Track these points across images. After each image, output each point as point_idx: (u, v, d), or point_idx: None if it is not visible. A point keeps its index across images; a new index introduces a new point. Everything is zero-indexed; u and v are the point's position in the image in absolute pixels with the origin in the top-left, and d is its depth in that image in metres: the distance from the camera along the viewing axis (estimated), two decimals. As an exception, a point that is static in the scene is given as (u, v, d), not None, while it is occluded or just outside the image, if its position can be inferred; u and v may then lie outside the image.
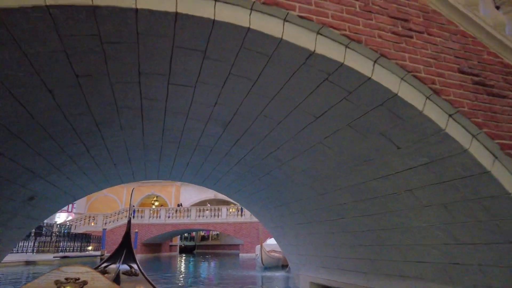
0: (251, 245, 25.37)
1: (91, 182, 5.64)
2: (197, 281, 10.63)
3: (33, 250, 17.57)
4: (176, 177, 6.78)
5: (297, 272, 6.95)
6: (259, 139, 3.84)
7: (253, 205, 6.77)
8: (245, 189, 6.13)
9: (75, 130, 3.39)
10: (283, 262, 13.78)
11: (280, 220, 6.22)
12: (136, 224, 25.96)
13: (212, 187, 7.03)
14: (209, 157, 4.94)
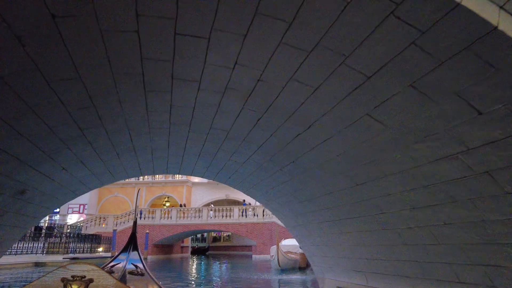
0: (264, 246, 24.67)
1: (92, 175, 5.04)
2: (209, 284, 9.99)
3: (43, 251, 17.21)
4: (186, 171, 6.16)
5: (322, 276, 6.24)
6: (286, 115, 3.15)
7: (272, 202, 6.09)
8: (264, 183, 5.46)
9: (63, 103, 2.77)
10: (300, 264, 13.06)
11: (303, 217, 5.52)
12: (147, 225, 25.55)
13: (226, 181, 6.37)
14: (224, 144, 4.28)
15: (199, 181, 35.61)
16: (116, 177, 5.76)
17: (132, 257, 4.99)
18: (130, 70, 2.56)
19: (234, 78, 2.70)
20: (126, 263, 4.61)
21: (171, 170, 6.05)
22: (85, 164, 4.40)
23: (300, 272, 12.03)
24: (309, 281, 9.93)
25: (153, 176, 34.74)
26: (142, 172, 5.89)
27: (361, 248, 4.50)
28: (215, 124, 3.67)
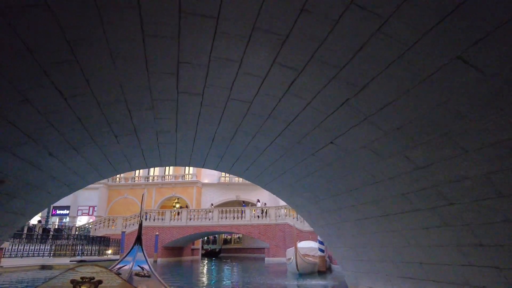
0: (277, 248, 23.77)
1: (88, 165, 4.30)
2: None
3: (50, 253, 16.65)
4: (197, 162, 5.39)
5: (355, 283, 5.39)
6: (334, 69, 2.34)
7: (297, 197, 5.27)
8: (288, 174, 4.65)
9: (33, 55, 2.01)
10: (319, 268, 12.17)
11: (335, 215, 4.69)
12: (157, 227, 24.91)
13: (243, 174, 5.58)
14: (244, 123, 3.50)
15: (209, 182, 34.93)
16: (117, 169, 5.02)
17: (138, 259, 4.95)
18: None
19: (263, 16, 1.90)
20: (133, 265, 4.59)
21: (181, 161, 5.28)
22: (77, 149, 3.65)
23: (320, 276, 11.15)
24: (329, 287, 9.06)
25: (162, 177, 34.21)
26: (148, 163, 5.14)
27: (413, 249, 3.66)
28: (235, 93, 2.88)
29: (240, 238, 44.76)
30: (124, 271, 4.25)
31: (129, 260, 4.93)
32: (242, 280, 11.51)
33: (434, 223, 3.19)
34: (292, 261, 11.04)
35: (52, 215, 34.13)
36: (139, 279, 4.10)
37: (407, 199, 3.27)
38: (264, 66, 2.44)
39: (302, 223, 23.62)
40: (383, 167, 3.15)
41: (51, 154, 3.46)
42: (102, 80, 2.52)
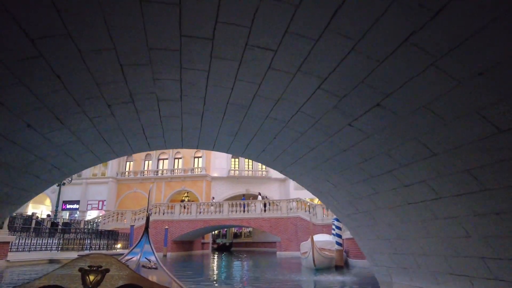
0: (289, 242, 23.16)
1: (80, 143, 3.67)
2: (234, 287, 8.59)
3: (58, 247, 16.31)
4: (207, 142, 4.72)
5: (388, 280, 4.70)
6: (376, 14, 1.64)
7: (322, 182, 4.58)
8: (313, 154, 3.96)
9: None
10: (336, 262, 11.48)
11: (370, 201, 3.99)
12: (166, 221, 24.50)
13: (258, 157, 4.90)
14: (264, 86, 2.82)
15: (218, 176, 34.44)
16: (116, 151, 4.39)
17: (145, 251, 4.99)
18: None
19: None
20: (140, 257, 4.64)
21: (188, 142, 4.63)
22: (62, 121, 3.02)
23: (337, 272, 10.47)
24: (352, 283, 8.38)
25: (172, 171, 33.83)
26: (150, 144, 4.50)
27: (474, 241, 2.95)
28: (255, 34, 2.19)
29: (250, 232, 44.31)
30: (131, 263, 4.30)
31: (136, 251, 4.97)
32: (254, 276, 10.90)
33: (509, 207, 2.49)
34: (309, 256, 10.37)
35: (62, 210, 34.12)
36: (146, 270, 4.14)
37: (472, 176, 2.56)
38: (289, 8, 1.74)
39: (314, 216, 22.93)
40: (446, 135, 2.44)
41: (30, 126, 2.83)
42: (80, 16, 1.85)
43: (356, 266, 11.31)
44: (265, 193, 33.83)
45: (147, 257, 4.72)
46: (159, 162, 35.06)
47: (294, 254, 22.31)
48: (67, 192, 34.70)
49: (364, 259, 11.23)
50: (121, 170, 35.10)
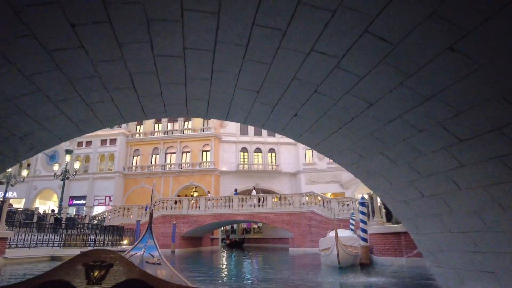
0: (302, 238, 22.08)
1: (47, 102, 2.61)
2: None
3: (60, 244, 15.48)
4: (218, 109, 3.63)
5: (458, 285, 3.58)
6: None
7: (372, 156, 3.43)
8: (363, 119, 2.85)
9: None
10: (361, 260, 10.36)
11: (443, 180, 2.87)
12: (174, 216, 23.62)
13: (284, 128, 3.77)
14: (294, 27, 1.74)
15: (227, 170, 33.46)
16: (100, 116, 3.32)
17: (149, 246, 4.93)
18: None
19: None
20: (144, 252, 4.61)
21: (194, 107, 3.53)
22: (14, 63, 1.95)
23: (364, 271, 9.36)
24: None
25: (179, 165, 32.94)
26: (145, 107, 3.41)
27: None
28: None
29: (260, 228, 43.33)
30: (135, 258, 4.28)
31: (140, 247, 4.91)
32: (267, 276, 9.83)
33: None
34: (332, 253, 9.26)
35: (69, 205, 33.53)
36: (149, 265, 4.13)
37: None
38: None
39: (329, 211, 21.80)
40: None
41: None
42: None
43: (383, 264, 10.17)
44: (276, 188, 32.76)
45: (151, 253, 4.71)
46: (166, 156, 34.20)
47: (308, 250, 21.22)
48: (74, 188, 34.11)
49: (391, 256, 10.10)
50: (128, 165, 34.35)
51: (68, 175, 22.16)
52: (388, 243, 10.31)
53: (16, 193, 35.71)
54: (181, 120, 35.09)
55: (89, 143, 35.36)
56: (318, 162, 33.70)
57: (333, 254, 9.10)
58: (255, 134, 35.01)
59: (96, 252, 1.73)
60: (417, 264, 9.31)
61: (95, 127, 3.62)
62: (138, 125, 36.13)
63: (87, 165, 34.88)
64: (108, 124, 3.71)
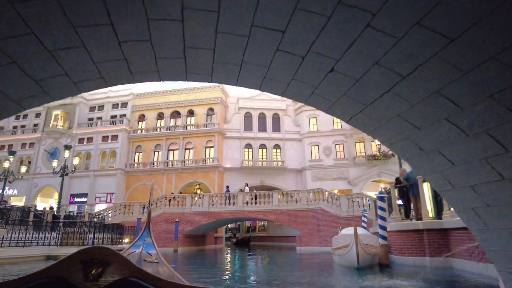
0: (310, 236, 21.21)
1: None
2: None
3: (56, 242, 14.73)
4: (226, 71, 2.76)
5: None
6: None
7: (436, 125, 2.57)
8: (446, 57, 1.98)
9: None
10: (381, 260, 9.48)
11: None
12: (177, 213, 22.83)
13: (312, 94, 2.92)
14: None
15: (231, 166, 32.65)
16: (71, 72, 2.48)
17: (147, 245, 4.82)
18: None
19: None
20: (142, 250, 4.51)
21: (194, 60, 2.68)
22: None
23: (385, 272, 8.48)
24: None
25: (182, 161, 32.16)
26: (134, 73, 2.56)
27: None
28: None
29: (264, 226, 42.52)
30: (133, 256, 4.23)
31: (138, 245, 4.85)
32: (276, 278, 8.99)
33: None
34: (350, 252, 8.39)
35: (70, 203, 32.90)
36: (147, 264, 4.10)
37: None
38: None
39: (338, 208, 20.91)
40: None
41: None
42: None
43: (403, 264, 9.30)
44: (281, 185, 31.91)
45: (149, 251, 4.65)
46: (169, 152, 33.44)
47: (316, 249, 20.37)
48: (75, 185, 33.47)
49: (412, 256, 9.22)
50: (129, 162, 33.64)
51: (67, 171, 21.45)
52: (408, 241, 9.44)
53: (17, 191, 35.18)
54: (183, 115, 34.31)
55: (90, 139, 34.69)
56: (324, 159, 32.81)
57: (352, 253, 8.24)
58: (260, 130, 34.17)
59: (93, 249, 1.73)
60: (443, 265, 8.44)
61: (68, 91, 2.77)
62: (140, 121, 35.40)
63: (88, 162, 34.22)
64: (84, 90, 2.86)
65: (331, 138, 33.19)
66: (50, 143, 35.63)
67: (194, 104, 34.31)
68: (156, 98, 35.51)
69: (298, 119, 35.13)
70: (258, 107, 34.83)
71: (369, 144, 32.44)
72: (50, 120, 36.28)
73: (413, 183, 10.30)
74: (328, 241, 20.46)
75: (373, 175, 31.53)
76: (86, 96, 37.73)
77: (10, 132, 37.92)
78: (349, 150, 32.61)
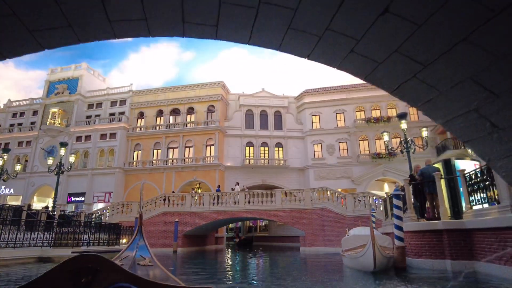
0: (314, 237, 20.49)
1: None
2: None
3: (49, 243, 14.01)
4: (236, 20, 2.05)
5: None
6: None
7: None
8: None
9: None
10: (397, 263, 8.74)
11: None
12: (176, 213, 22.11)
13: (352, 51, 2.20)
14: None
15: (232, 165, 31.92)
16: (25, 17, 1.76)
17: (140, 248, 4.71)
18: None
19: None
20: (135, 253, 4.43)
21: (192, 9, 1.97)
22: None
23: (402, 277, 7.74)
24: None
25: (182, 160, 31.44)
26: (108, 7, 1.84)
27: None
28: None
29: (266, 226, 41.78)
30: (127, 260, 4.18)
31: (132, 248, 4.69)
32: (284, 282, 8.25)
33: None
34: (366, 254, 7.65)
35: (67, 203, 32.18)
36: (141, 267, 4.05)
37: None
38: None
39: (343, 207, 20.18)
40: None
41: None
42: None
43: (420, 267, 8.57)
44: (283, 184, 31.17)
45: (142, 254, 4.57)
46: (168, 151, 32.72)
47: (321, 250, 19.65)
48: (72, 184, 32.75)
49: (430, 259, 8.48)
50: (128, 160, 32.91)
51: (63, 169, 20.73)
52: (426, 242, 8.71)
53: (13, 190, 34.45)
54: (183, 113, 33.57)
55: (88, 137, 33.97)
56: (327, 157, 32.08)
57: (368, 256, 7.50)
58: (261, 127, 33.44)
59: (82, 257, 1.71)
60: (465, 267, 7.72)
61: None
62: (139, 118, 34.67)
63: (86, 160, 33.50)
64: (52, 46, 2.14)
65: (334, 136, 32.45)
66: (47, 141, 34.91)
67: (194, 101, 33.57)
68: (155, 95, 34.77)
69: (301, 116, 34.39)
70: (259, 104, 34.10)
71: (373, 142, 31.69)
72: (48, 118, 35.55)
73: (429, 179, 9.58)
74: (334, 241, 19.75)
75: (377, 174, 30.79)
76: (84, 94, 37.01)
77: (7, 130, 37.21)
78: (352, 148, 31.88)
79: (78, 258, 1.70)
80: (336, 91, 33.83)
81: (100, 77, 41.62)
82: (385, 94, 32.83)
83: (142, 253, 4.54)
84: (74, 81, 37.21)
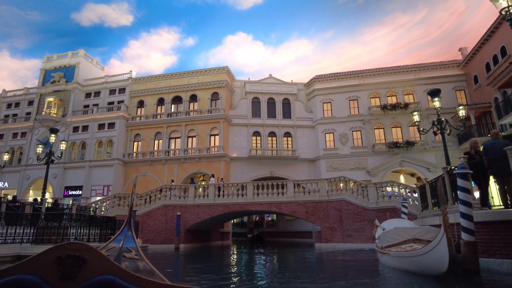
0: (331, 232, 18.42)
1: None
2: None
3: (30, 239, 12.08)
4: None
5: None
6: None
7: None
8: None
9: None
10: (467, 264, 6.63)
11: None
12: (178, 206, 20.14)
13: None
14: None
15: (238, 156, 29.88)
16: None
17: (127, 240, 4.52)
18: None
19: None
20: (122, 245, 4.23)
21: None
22: None
23: (477, 282, 5.71)
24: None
25: (185, 151, 29.44)
26: None
27: None
28: None
29: (273, 221, 39.74)
30: (113, 251, 4.03)
31: (119, 239, 4.49)
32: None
33: None
34: (435, 251, 5.53)
35: (64, 196, 30.35)
36: (127, 259, 3.89)
37: None
38: None
39: (365, 199, 18.08)
40: None
41: None
42: None
43: (492, 270, 6.50)
44: (292, 176, 29.06)
45: (129, 246, 4.32)
46: (170, 141, 30.72)
47: (339, 246, 17.59)
48: (69, 177, 30.90)
49: (508, 259, 6.40)
50: (128, 151, 30.97)
51: (53, 158, 18.80)
52: (500, 237, 6.65)
53: (8, 184, 32.70)
54: (186, 101, 31.53)
55: (85, 127, 32.04)
56: (340, 147, 29.93)
57: (438, 253, 5.38)
58: (269, 116, 31.32)
59: (69, 245, 1.69)
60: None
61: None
62: (139, 107, 32.67)
63: (84, 151, 31.61)
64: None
65: (347, 125, 30.25)
66: (42, 132, 33.04)
67: (197, 88, 31.48)
68: (155, 83, 32.71)
69: (311, 104, 32.21)
70: (266, 91, 31.95)
71: (389, 130, 29.47)
72: (43, 108, 33.66)
73: (497, 156, 7.47)
74: (353, 236, 17.69)
75: (394, 165, 28.59)
76: (82, 82, 35.06)
77: (1, 121, 35.40)
78: (367, 137, 29.68)
79: (65, 245, 1.67)
80: (349, 76, 31.55)
81: (98, 65, 39.63)
82: (401, 79, 30.52)
83: (128, 244, 4.35)
84: (70, 69, 35.25)
